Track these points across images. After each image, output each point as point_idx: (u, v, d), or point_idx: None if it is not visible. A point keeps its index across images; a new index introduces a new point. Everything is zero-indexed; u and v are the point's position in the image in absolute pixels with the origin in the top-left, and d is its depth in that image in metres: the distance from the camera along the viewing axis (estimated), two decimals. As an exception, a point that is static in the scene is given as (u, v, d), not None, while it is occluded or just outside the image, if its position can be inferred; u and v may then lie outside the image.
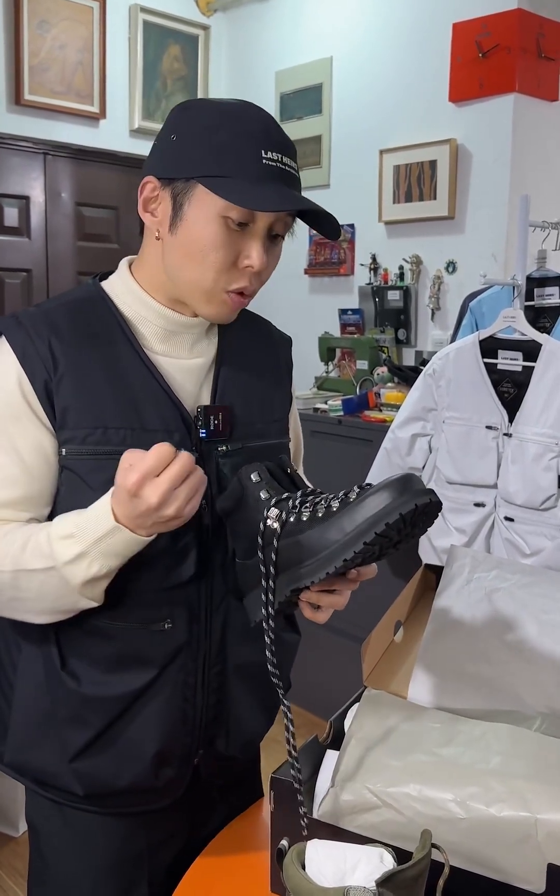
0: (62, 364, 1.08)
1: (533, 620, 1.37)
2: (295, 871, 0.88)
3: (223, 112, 1.06)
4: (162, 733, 1.14)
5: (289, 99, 4.17)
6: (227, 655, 1.19)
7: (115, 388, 1.09)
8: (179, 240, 1.09)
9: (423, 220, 3.61)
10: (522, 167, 3.34)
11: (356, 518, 0.97)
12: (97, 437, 1.07)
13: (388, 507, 0.96)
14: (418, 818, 1.02)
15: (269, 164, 1.04)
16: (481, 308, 2.81)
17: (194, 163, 1.06)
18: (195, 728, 1.18)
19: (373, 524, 0.95)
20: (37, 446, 1.09)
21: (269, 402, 1.25)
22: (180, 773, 1.18)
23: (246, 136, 1.04)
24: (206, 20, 4.35)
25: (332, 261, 4.04)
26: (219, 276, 1.09)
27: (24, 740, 1.18)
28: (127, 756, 1.14)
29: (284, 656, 1.27)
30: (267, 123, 1.07)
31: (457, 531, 2.48)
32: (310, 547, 0.99)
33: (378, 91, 3.78)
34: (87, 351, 1.10)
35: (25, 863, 2.46)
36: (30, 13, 3.68)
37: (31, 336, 1.08)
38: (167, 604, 1.13)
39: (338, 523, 0.98)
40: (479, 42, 3.30)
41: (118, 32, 4.03)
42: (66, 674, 1.13)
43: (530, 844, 0.97)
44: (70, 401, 1.08)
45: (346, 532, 0.97)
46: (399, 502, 0.96)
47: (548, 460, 2.26)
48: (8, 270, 3.85)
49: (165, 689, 1.14)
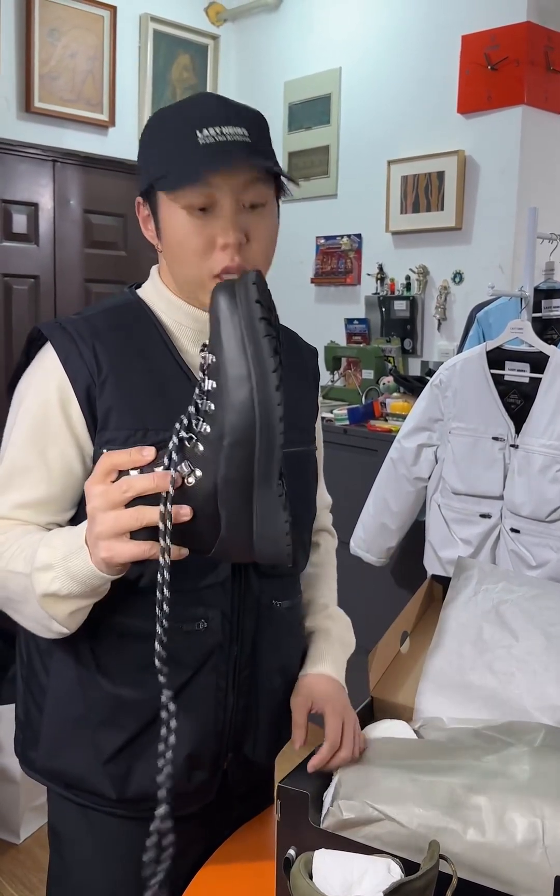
0: (105, 368, 1.09)
1: (539, 632, 1.37)
2: (302, 881, 0.88)
3: (163, 114, 1.09)
4: (195, 736, 1.14)
5: (297, 109, 4.19)
6: (258, 658, 1.19)
7: (155, 392, 1.10)
8: (166, 245, 1.12)
9: (431, 231, 3.62)
10: (530, 179, 3.35)
11: (230, 356, 0.83)
12: (138, 438, 1.08)
13: (238, 312, 0.85)
14: (423, 829, 1.02)
15: (207, 143, 1.03)
16: (488, 319, 2.81)
17: (148, 171, 1.09)
18: (225, 731, 1.18)
19: (252, 339, 0.84)
20: (61, 453, 1.10)
21: (297, 410, 1.25)
22: (211, 777, 1.18)
23: (182, 125, 1.05)
24: (216, 30, 4.37)
25: (339, 270, 4.04)
26: (200, 263, 1.08)
27: (57, 744, 1.18)
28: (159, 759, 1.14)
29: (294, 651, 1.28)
30: (206, 104, 1.07)
31: (462, 542, 2.47)
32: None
33: (386, 102, 3.79)
34: (129, 355, 1.11)
35: (26, 870, 2.46)
36: (41, 21, 3.70)
37: (76, 340, 1.10)
38: (201, 604, 1.13)
39: (226, 385, 0.84)
40: (487, 54, 3.31)
41: (128, 41, 4.04)
42: (101, 675, 1.13)
43: (537, 851, 0.97)
44: (112, 404, 1.09)
45: (240, 367, 0.83)
46: (243, 296, 0.85)
47: (554, 472, 2.26)
48: (16, 277, 3.86)
49: (199, 692, 1.14)
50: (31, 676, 1.21)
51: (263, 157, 1.06)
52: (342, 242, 3.96)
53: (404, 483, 2.65)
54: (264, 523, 0.85)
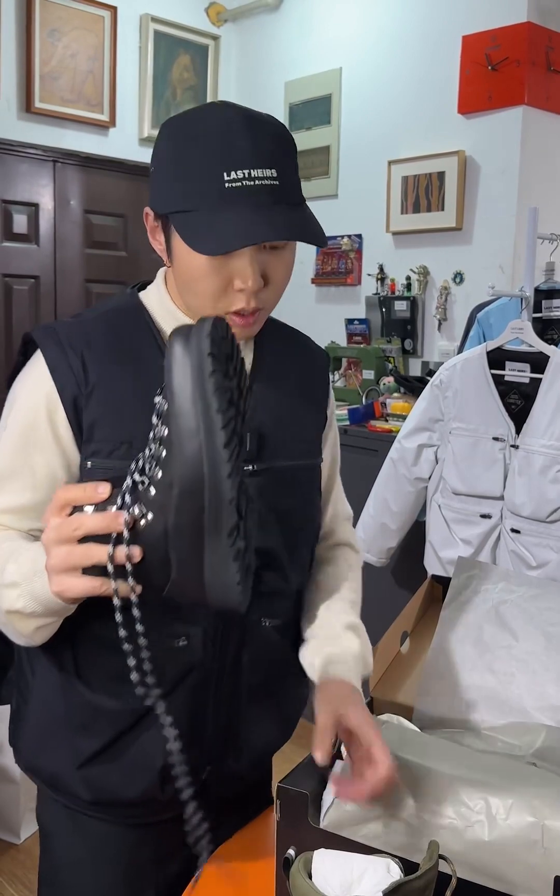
0: (93, 378, 1.07)
1: (539, 633, 1.37)
2: (301, 881, 0.88)
3: (187, 133, 1.02)
4: (168, 749, 1.13)
5: (298, 109, 4.19)
6: (242, 677, 1.16)
7: (144, 404, 1.05)
8: (176, 269, 1.08)
9: (431, 231, 3.62)
10: (531, 179, 3.35)
11: (182, 409, 0.81)
12: (122, 452, 1.06)
13: (192, 363, 0.82)
14: (424, 828, 1.02)
15: (233, 187, 0.98)
16: (489, 319, 2.81)
17: (164, 198, 1.04)
18: (204, 745, 1.16)
19: (201, 394, 0.81)
20: (47, 462, 1.09)
21: (301, 421, 1.22)
22: (187, 787, 1.17)
23: (206, 158, 0.99)
24: (217, 30, 4.37)
25: (340, 270, 4.04)
26: (215, 303, 1.06)
27: (38, 742, 1.18)
28: (133, 768, 1.13)
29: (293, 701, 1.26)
30: (229, 134, 0.99)
31: (463, 542, 2.47)
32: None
33: (387, 102, 3.79)
34: (120, 365, 1.09)
35: (26, 870, 2.46)
36: (41, 21, 3.70)
37: (65, 349, 1.08)
38: (181, 621, 1.11)
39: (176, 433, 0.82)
40: (488, 54, 3.31)
41: (129, 41, 4.05)
42: (80, 682, 1.12)
43: (537, 851, 0.97)
44: (98, 415, 1.07)
45: (190, 422, 0.81)
46: (195, 347, 0.82)
47: (555, 472, 2.26)
48: (16, 277, 3.86)
49: (174, 708, 1.10)
50: (21, 676, 1.22)
51: (288, 206, 1.03)
52: (343, 243, 3.96)
53: (405, 483, 2.65)
54: (214, 572, 0.84)
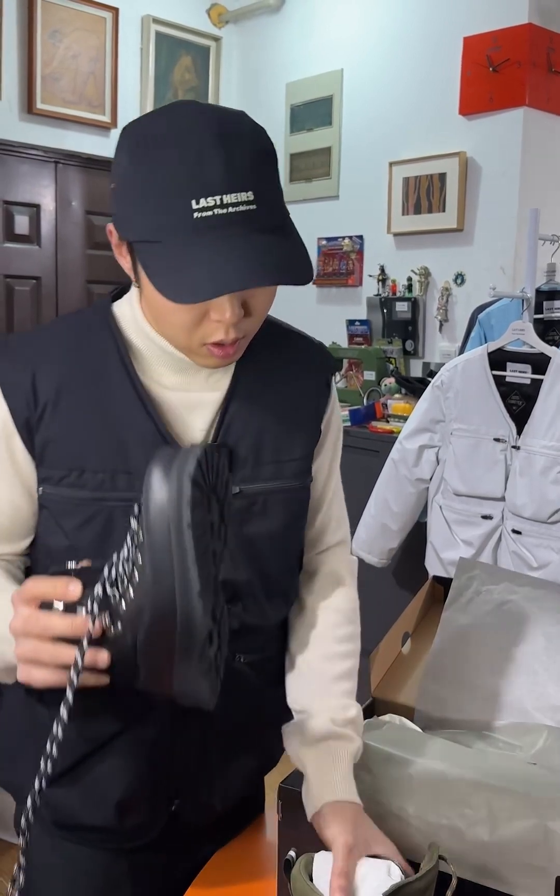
0: (44, 396, 1.00)
1: (540, 633, 1.37)
2: (302, 883, 0.88)
3: (150, 150, 0.88)
4: (126, 784, 1.08)
5: (299, 110, 4.19)
6: (210, 720, 1.06)
7: (101, 427, 1.00)
8: (145, 294, 0.98)
9: (432, 232, 3.62)
10: (531, 180, 3.35)
11: (157, 544, 0.78)
12: (72, 479, 0.99)
13: (170, 496, 0.78)
14: (425, 828, 1.02)
15: (204, 217, 0.86)
16: (490, 320, 2.81)
17: (127, 223, 0.92)
18: (168, 782, 1.11)
19: (178, 542, 0.78)
20: (8, 486, 1.03)
21: (288, 440, 1.09)
22: (151, 819, 1.13)
23: (172, 183, 0.86)
24: (218, 32, 4.38)
25: (341, 271, 4.05)
26: (190, 335, 0.95)
27: (7, 753, 1.16)
28: (90, 797, 1.09)
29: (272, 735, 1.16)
30: (198, 153, 0.86)
31: (464, 543, 2.47)
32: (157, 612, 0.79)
33: (388, 103, 3.80)
34: (76, 384, 1.00)
35: (26, 871, 2.45)
36: (43, 23, 3.71)
37: (17, 367, 1.01)
38: None
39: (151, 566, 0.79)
40: (489, 56, 3.31)
41: (130, 43, 4.05)
42: (40, 705, 1.09)
43: (538, 852, 0.97)
44: (49, 438, 1.00)
45: (164, 563, 0.78)
46: (175, 487, 0.78)
47: (556, 473, 2.26)
48: (18, 278, 3.87)
49: (131, 746, 1.08)
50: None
51: (267, 235, 0.91)
52: (344, 244, 3.96)
53: (406, 484, 2.65)
54: (183, 684, 0.81)
